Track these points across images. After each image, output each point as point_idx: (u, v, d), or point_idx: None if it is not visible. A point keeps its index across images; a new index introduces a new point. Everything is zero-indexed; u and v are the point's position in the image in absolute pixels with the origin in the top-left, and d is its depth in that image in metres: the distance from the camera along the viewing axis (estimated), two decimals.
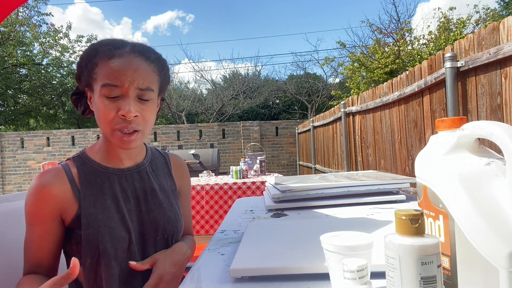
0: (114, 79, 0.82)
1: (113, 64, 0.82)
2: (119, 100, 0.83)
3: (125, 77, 0.82)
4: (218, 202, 3.76)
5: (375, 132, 3.76)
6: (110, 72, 0.82)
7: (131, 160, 0.96)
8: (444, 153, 0.54)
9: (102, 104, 0.83)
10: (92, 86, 0.87)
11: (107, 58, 0.84)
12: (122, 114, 0.82)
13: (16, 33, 12.30)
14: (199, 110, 15.94)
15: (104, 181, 0.91)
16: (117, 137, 0.85)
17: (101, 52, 0.85)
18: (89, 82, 0.87)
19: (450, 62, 2.25)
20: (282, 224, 0.96)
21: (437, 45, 8.66)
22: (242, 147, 9.22)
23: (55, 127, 14.81)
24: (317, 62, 18.29)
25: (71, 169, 0.89)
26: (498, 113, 1.95)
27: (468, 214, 0.48)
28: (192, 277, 0.69)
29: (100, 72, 0.84)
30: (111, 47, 0.85)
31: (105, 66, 0.83)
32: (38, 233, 0.86)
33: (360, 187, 1.24)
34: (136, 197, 0.94)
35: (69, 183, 0.87)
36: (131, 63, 0.83)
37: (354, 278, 0.47)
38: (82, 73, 0.89)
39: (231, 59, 30.39)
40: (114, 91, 0.82)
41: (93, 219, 0.86)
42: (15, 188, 9.07)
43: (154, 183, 0.98)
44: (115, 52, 0.84)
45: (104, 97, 0.83)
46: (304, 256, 0.68)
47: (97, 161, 0.92)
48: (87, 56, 0.87)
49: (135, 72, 0.83)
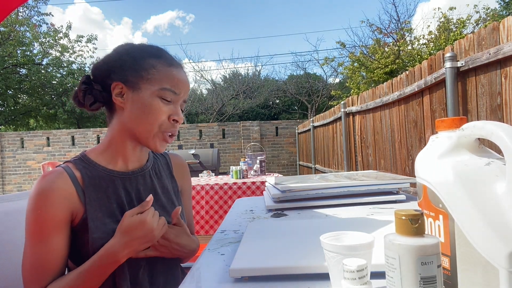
0: (176, 87, 0.89)
1: (175, 73, 0.90)
2: (170, 105, 0.89)
3: (184, 88, 0.91)
4: (218, 202, 3.76)
5: (375, 132, 3.76)
6: (173, 79, 0.89)
7: (137, 163, 0.96)
8: (444, 153, 0.54)
9: (158, 104, 0.87)
10: (138, 84, 0.87)
11: (167, 64, 0.90)
12: (175, 119, 0.89)
13: (16, 33, 12.29)
14: (199, 110, 15.95)
15: (108, 184, 0.89)
16: (159, 139, 0.89)
17: (163, 57, 0.90)
18: (132, 79, 0.87)
19: (450, 62, 2.25)
20: (282, 224, 0.96)
21: (437, 45, 8.66)
22: (242, 147, 9.22)
23: (55, 127, 14.81)
24: (317, 62, 18.32)
25: (74, 172, 0.87)
26: (498, 113, 1.95)
27: (468, 214, 0.48)
28: (192, 277, 0.69)
29: (159, 75, 0.88)
30: (170, 55, 0.93)
31: (166, 71, 0.89)
32: (56, 241, 0.81)
33: (360, 187, 1.24)
34: (140, 200, 0.93)
35: (74, 185, 0.85)
36: (184, 75, 0.94)
37: (354, 278, 0.47)
38: (122, 67, 0.88)
39: (231, 59, 30.40)
40: (170, 97, 0.89)
41: (100, 223, 0.84)
42: (15, 188, 9.07)
43: (157, 185, 0.98)
44: (174, 62, 0.92)
45: (160, 99, 0.87)
46: (304, 256, 0.68)
47: (101, 164, 0.91)
48: (139, 55, 0.89)
49: (187, 84, 0.94)
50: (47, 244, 0.80)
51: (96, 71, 0.92)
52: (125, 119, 0.89)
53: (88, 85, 0.91)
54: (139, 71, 0.87)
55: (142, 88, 0.87)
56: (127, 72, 0.88)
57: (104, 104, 0.93)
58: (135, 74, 0.87)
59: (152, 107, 0.86)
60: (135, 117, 0.87)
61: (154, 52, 0.91)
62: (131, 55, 0.89)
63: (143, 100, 0.86)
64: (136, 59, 0.88)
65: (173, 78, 0.89)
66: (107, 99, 0.91)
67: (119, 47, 0.93)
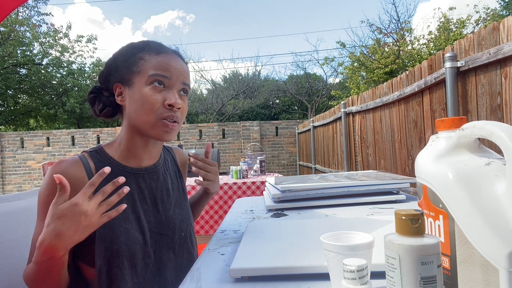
0: (165, 71, 0.88)
1: (163, 58, 0.89)
2: (164, 91, 0.88)
3: (174, 70, 0.89)
4: (218, 202, 3.76)
5: (375, 132, 3.76)
6: (161, 64, 0.88)
7: (150, 159, 0.97)
8: (444, 153, 0.54)
9: (149, 92, 0.86)
10: (131, 80, 0.89)
11: (155, 53, 0.89)
12: (169, 104, 0.87)
13: (16, 33, 12.29)
14: (199, 110, 15.95)
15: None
16: (161, 126, 0.87)
17: (148, 48, 0.90)
18: (126, 76, 0.89)
19: (450, 62, 2.25)
20: (282, 224, 0.96)
21: (437, 45, 8.67)
22: (242, 147, 9.22)
23: (55, 127, 14.81)
24: (317, 62, 18.32)
25: (88, 162, 0.89)
26: (498, 113, 1.95)
27: (468, 214, 0.48)
28: (192, 277, 0.69)
29: (147, 65, 0.88)
30: (158, 44, 0.92)
31: (154, 59, 0.88)
32: None
33: (360, 187, 1.24)
34: (153, 197, 0.94)
35: (87, 174, 0.86)
36: (177, 61, 0.91)
37: (354, 278, 0.47)
38: (116, 68, 0.91)
39: (231, 59, 30.42)
40: (161, 81, 0.87)
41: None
42: (15, 188, 9.07)
43: (169, 182, 1.00)
44: (163, 49, 0.91)
45: (151, 86, 0.87)
46: (304, 256, 0.68)
47: (116, 159, 0.92)
48: (129, 52, 0.91)
49: (181, 68, 0.91)
50: None
51: (100, 78, 0.96)
52: (128, 116, 0.91)
53: (95, 94, 0.96)
54: (131, 67, 0.89)
55: (135, 82, 0.88)
56: (121, 72, 0.90)
57: (114, 108, 0.95)
58: (128, 71, 0.89)
59: (144, 97, 0.86)
60: (134, 111, 0.88)
61: (141, 46, 0.92)
62: (123, 54, 0.92)
63: (137, 92, 0.87)
64: (127, 56, 0.91)
65: (161, 63, 0.88)
66: (114, 102, 0.93)
67: (116, 51, 0.96)
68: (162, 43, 0.95)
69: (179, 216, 0.98)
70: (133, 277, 0.86)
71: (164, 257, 0.92)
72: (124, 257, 0.84)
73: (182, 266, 0.96)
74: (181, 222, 0.97)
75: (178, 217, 0.97)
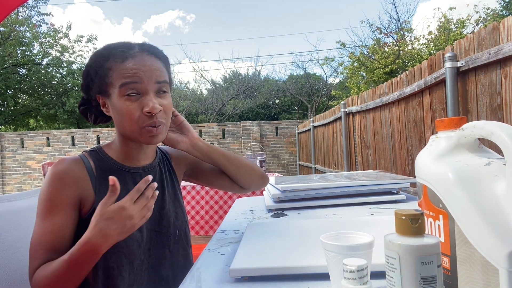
0: (133, 77, 0.84)
1: (128, 64, 0.85)
2: (140, 99, 0.85)
3: (143, 73, 0.85)
4: (218, 202, 3.76)
5: (375, 132, 3.76)
6: (127, 71, 0.84)
7: (147, 159, 0.98)
8: (444, 153, 0.54)
9: (124, 104, 0.84)
10: (108, 91, 0.88)
11: (120, 60, 0.86)
12: (147, 111, 0.84)
13: (16, 33, 12.28)
14: (199, 110, 15.94)
15: (119, 179, 0.90)
16: (146, 133, 0.86)
17: (113, 56, 0.86)
18: (102, 88, 0.88)
19: (450, 62, 2.25)
20: (282, 224, 0.96)
21: (437, 45, 8.67)
22: (242, 147, 9.22)
23: (55, 127, 14.80)
24: (317, 62, 18.32)
25: (89, 161, 0.91)
26: (498, 113, 1.95)
27: (468, 214, 0.48)
28: (192, 277, 0.69)
29: (115, 75, 0.85)
30: (122, 49, 0.87)
31: (120, 68, 0.85)
32: (61, 219, 0.84)
33: (360, 187, 1.24)
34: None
35: (87, 173, 0.88)
36: (145, 61, 0.86)
37: (354, 278, 0.47)
38: (92, 80, 0.90)
39: (231, 59, 30.41)
40: (134, 89, 0.84)
41: None
42: (15, 188, 9.07)
43: (164, 180, 1.01)
44: (127, 53, 0.86)
45: (125, 97, 0.85)
46: (304, 256, 0.68)
47: (114, 159, 0.94)
48: (97, 63, 0.88)
49: (151, 68, 0.86)
50: (52, 223, 0.83)
51: (83, 90, 0.96)
52: (116, 125, 0.91)
53: (85, 106, 0.97)
54: (103, 78, 0.87)
55: (111, 94, 0.87)
56: (97, 84, 0.89)
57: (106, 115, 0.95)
58: (102, 82, 0.88)
59: (122, 110, 0.85)
60: (117, 122, 0.89)
61: (105, 54, 0.88)
62: (92, 66, 0.90)
63: (115, 105, 0.87)
64: (96, 68, 0.88)
65: (129, 69, 0.84)
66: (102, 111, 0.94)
67: (87, 61, 0.94)
68: (127, 43, 0.90)
69: (174, 213, 0.99)
70: (130, 273, 0.87)
71: (160, 254, 0.94)
72: (122, 254, 0.86)
73: (177, 264, 0.97)
74: (175, 219, 0.98)
75: (173, 215, 0.98)
